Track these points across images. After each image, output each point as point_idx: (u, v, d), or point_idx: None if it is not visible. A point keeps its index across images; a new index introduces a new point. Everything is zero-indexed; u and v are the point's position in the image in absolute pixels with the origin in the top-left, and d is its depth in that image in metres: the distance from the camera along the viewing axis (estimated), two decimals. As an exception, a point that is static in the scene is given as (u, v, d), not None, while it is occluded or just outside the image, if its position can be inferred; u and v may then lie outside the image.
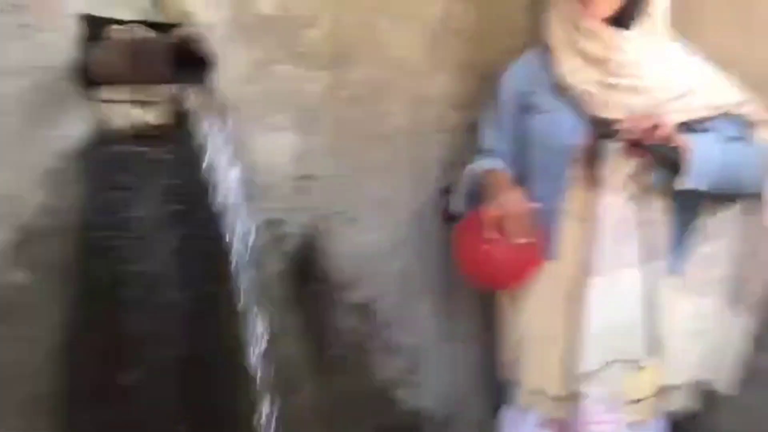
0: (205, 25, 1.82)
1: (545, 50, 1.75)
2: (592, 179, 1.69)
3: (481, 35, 2.43)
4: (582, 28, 1.65)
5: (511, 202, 1.67)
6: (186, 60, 1.57)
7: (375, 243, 2.25)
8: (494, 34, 2.46)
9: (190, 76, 1.58)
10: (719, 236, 1.76)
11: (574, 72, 1.67)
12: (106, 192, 1.71)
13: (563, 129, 1.69)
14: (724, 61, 1.87)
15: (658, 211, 1.68)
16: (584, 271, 1.69)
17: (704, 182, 1.57)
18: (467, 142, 2.45)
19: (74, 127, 1.63)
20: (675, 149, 1.53)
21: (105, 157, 1.70)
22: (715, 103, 1.64)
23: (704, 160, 1.54)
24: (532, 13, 2.50)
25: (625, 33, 1.65)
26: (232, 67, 1.89)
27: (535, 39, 2.49)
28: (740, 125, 1.68)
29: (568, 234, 1.74)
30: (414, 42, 2.26)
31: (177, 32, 1.54)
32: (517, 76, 1.84)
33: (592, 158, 1.68)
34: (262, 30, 1.93)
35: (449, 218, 1.94)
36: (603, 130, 1.61)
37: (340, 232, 2.16)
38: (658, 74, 1.64)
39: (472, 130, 2.46)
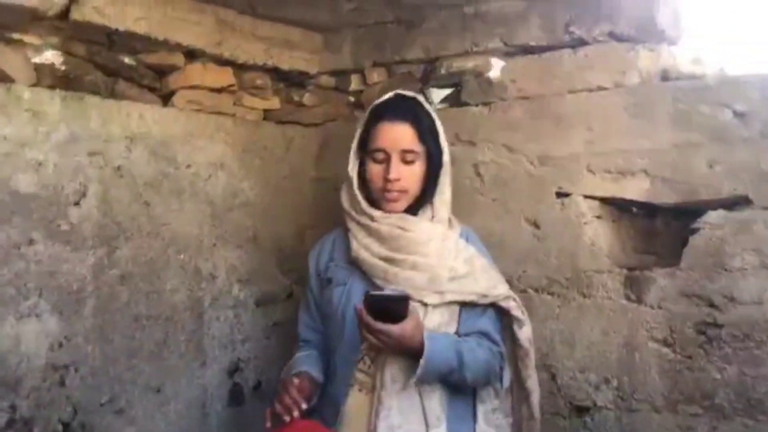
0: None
1: (344, 228, 1.84)
2: (378, 350, 1.68)
3: (267, 209, 2.43)
4: (373, 215, 1.76)
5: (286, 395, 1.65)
6: None
7: (147, 436, 2.04)
8: (280, 208, 2.47)
9: None
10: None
11: (364, 248, 1.75)
12: None
13: (353, 298, 1.72)
14: (491, 237, 2.09)
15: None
16: None
17: (431, 381, 1.66)
18: (254, 318, 2.38)
19: None
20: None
21: None
22: (485, 292, 1.74)
23: (434, 366, 1.62)
24: (318, 188, 2.58)
25: (411, 217, 1.76)
26: (-22, 248, 1.71)
27: (323, 213, 2.57)
28: (494, 320, 1.78)
29: (355, 404, 1.71)
30: (194, 217, 2.19)
31: None
32: (319, 254, 1.91)
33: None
34: (18, 208, 1.78)
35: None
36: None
37: (104, 426, 1.93)
38: (437, 254, 1.73)
39: (259, 304, 2.40)
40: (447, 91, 2.38)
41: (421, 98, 1.83)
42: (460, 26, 2.25)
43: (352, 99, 2.56)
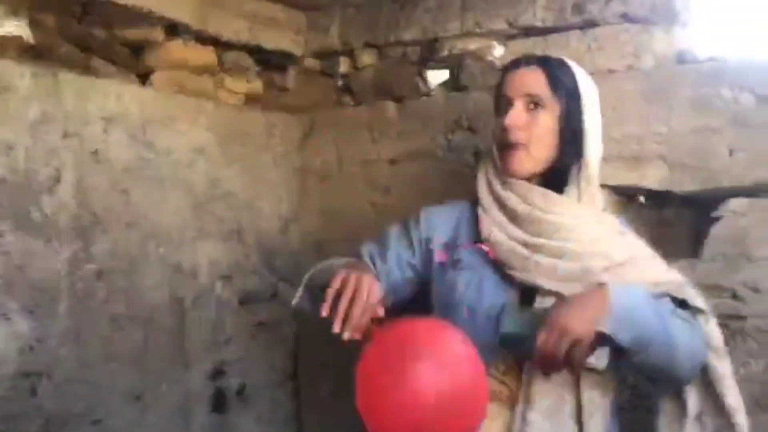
0: None
1: (474, 203, 1.53)
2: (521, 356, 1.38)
3: (249, 201, 2.26)
4: (510, 185, 1.45)
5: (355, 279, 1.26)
6: None
7: (127, 449, 1.84)
8: (263, 199, 2.31)
9: None
10: None
11: (498, 229, 1.44)
12: None
13: (486, 292, 1.42)
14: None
15: (599, 395, 1.38)
16: None
17: (626, 333, 1.22)
18: (237, 317, 2.21)
19: None
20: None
21: None
22: (653, 278, 1.40)
23: (629, 308, 1.24)
24: (302, 178, 2.42)
25: (555, 195, 1.45)
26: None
27: (308, 206, 2.41)
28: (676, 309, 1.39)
29: (491, 419, 1.35)
30: (175, 208, 2.01)
31: None
32: (436, 218, 1.56)
33: None
34: (-16, 195, 1.57)
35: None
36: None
37: (80, 439, 1.74)
38: (589, 239, 1.41)
39: (243, 302, 2.23)
40: (444, 75, 2.26)
41: (571, 62, 1.53)
42: (460, 5, 2.13)
43: (339, 83, 2.41)
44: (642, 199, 2.03)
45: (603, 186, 1.93)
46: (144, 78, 2.02)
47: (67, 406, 1.72)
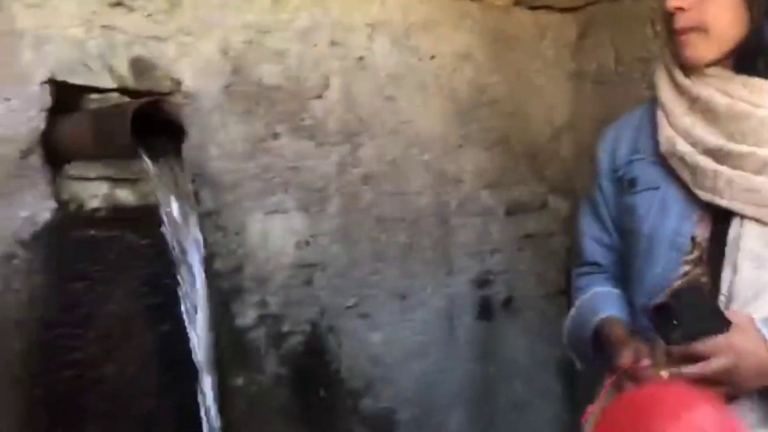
0: (194, 95, 1.63)
1: (653, 104, 1.26)
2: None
3: (518, 108, 2.17)
4: (697, 73, 1.17)
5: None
6: (158, 130, 1.36)
7: (392, 343, 1.94)
8: (531, 106, 2.21)
9: (162, 146, 1.35)
10: None
11: (683, 134, 1.18)
12: (71, 282, 1.48)
13: (670, 215, 1.20)
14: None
15: None
16: None
17: None
18: (504, 227, 2.17)
19: (38, 206, 1.41)
20: None
21: (72, 243, 1.48)
22: None
23: None
24: (577, 83, 2.27)
25: (761, 81, 1.14)
26: (226, 141, 1.68)
27: (583, 113, 2.26)
28: None
29: None
30: (439, 115, 2.01)
31: (146, 100, 1.32)
32: (616, 142, 1.33)
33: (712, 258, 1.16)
34: (263, 100, 1.72)
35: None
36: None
37: (350, 329, 1.87)
38: None
39: (510, 213, 2.19)
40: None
41: None
42: None
43: (619, -25, 2.17)
44: None
45: None
46: (409, -16, 2.02)
47: (338, 298, 1.85)
